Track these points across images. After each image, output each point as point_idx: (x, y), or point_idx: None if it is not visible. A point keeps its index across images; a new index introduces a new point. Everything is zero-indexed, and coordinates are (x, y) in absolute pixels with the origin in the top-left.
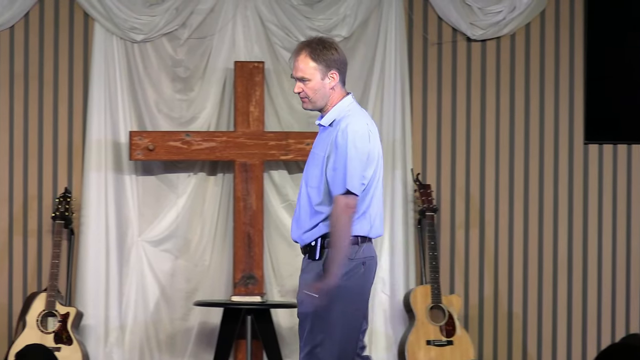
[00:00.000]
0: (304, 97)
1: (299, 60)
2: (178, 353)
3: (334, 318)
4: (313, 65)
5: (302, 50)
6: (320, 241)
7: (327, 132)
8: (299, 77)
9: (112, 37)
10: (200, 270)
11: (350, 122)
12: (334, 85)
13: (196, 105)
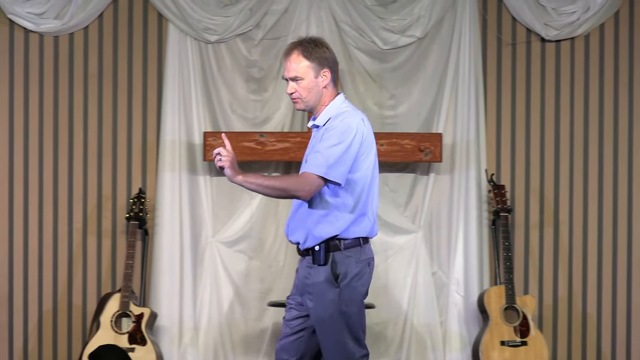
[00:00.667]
0: (297, 98)
1: (291, 59)
2: (252, 353)
3: (353, 318)
4: (306, 63)
5: (293, 49)
6: (324, 246)
7: (321, 131)
8: (292, 77)
9: (186, 37)
10: (274, 271)
11: (346, 117)
12: (327, 84)
13: (270, 105)
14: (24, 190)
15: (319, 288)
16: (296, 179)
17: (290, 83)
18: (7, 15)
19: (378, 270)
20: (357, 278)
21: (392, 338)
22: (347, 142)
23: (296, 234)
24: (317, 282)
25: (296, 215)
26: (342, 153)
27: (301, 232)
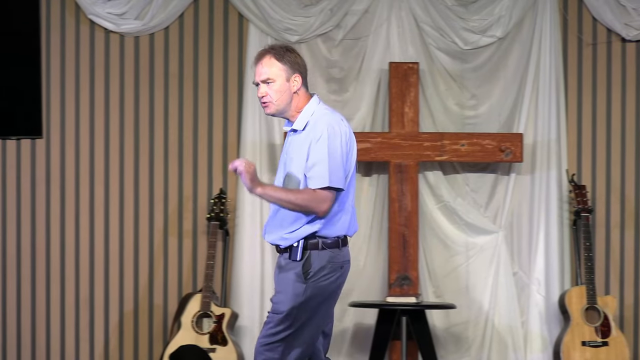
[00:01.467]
0: (268, 101)
1: (263, 63)
2: (333, 353)
3: (307, 314)
4: (278, 65)
5: (266, 53)
6: (303, 242)
7: (302, 135)
8: (264, 80)
9: (266, 38)
10: (355, 271)
11: (328, 121)
12: (298, 88)
13: (351, 106)
14: (104, 191)
15: (286, 281)
16: (314, 197)
17: (261, 86)
18: (88, 15)
19: (459, 270)
20: (325, 278)
21: (474, 338)
22: (337, 147)
23: (274, 234)
24: (286, 276)
25: (276, 217)
26: (338, 159)
27: (282, 232)
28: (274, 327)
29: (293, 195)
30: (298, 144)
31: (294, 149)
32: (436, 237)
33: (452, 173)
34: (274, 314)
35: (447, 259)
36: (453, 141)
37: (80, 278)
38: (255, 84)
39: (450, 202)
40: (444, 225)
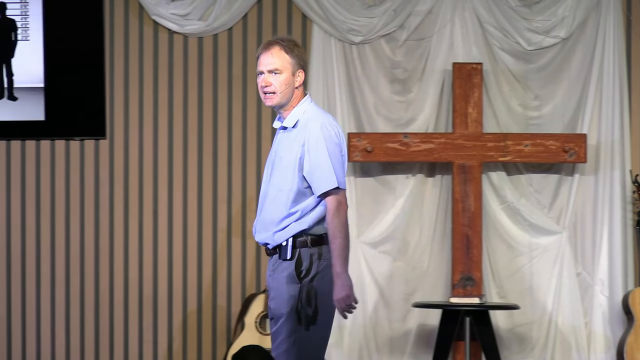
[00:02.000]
0: (272, 92)
1: (272, 53)
2: (397, 355)
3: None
4: (287, 58)
5: (275, 44)
6: (292, 241)
7: (292, 133)
8: (271, 69)
9: (330, 38)
10: (419, 272)
11: (322, 121)
12: (299, 85)
13: (415, 106)
14: (168, 192)
15: (280, 283)
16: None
17: (266, 75)
18: (152, 16)
19: (523, 271)
20: (319, 277)
21: (537, 339)
22: (334, 147)
23: (265, 234)
24: (279, 277)
25: (263, 215)
26: (339, 159)
27: (272, 231)
28: (280, 333)
29: (341, 233)
30: (288, 142)
31: (283, 147)
32: (500, 237)
33: (516, 174)
34: (276, 319)
35: (511, 260)
36: (516, 142)
37: (143, 278)
38: (259, 72)
39: (514, 202)
40: (508, 226)
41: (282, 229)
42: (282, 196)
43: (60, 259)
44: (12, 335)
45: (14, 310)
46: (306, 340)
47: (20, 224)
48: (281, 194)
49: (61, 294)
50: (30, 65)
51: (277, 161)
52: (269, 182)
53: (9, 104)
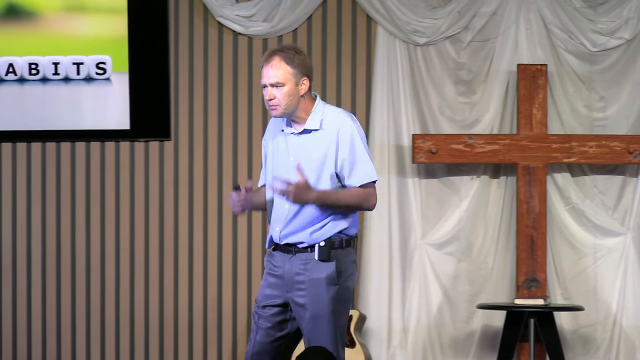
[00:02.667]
0: (276, 104)
1: (272, 65)
2: (461, 356)
3: (343, 321)
4: (288, 69)
5: (275, 55)
6: (329, 242)
7: (317, 134)
8: (273, 83)
9: (394, 40)
10: (483, 273)
11: (349, 118)
12: (305, 93)
13: (479, 108)
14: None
15: (319, 284)
16: (363, 194)
17: (269, 89)
18: (216, 18)
19: (587, 272)
20: (351, 278)
21: (602, 340)
22: (365, 142)
23: (296, 235)
24: (318, 279)
25: (292, 223)
26: (369, 154)
27: (302, 233)
28: (324, 334)
29: (346, 197)
30: (314, 143)
31: (307, 149)
32: (564, 239)
33: (580, 175)
34: (315, 319)
35: (575, 261)
36: (581, 143)
37: (208, 280)
38: (263, 85)
39: (578, 204)
40: (572, 227)
41: (319, 228)
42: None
43: (125, 260)
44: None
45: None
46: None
47: (85, 226)
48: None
49: (125, 294)
50: None
51: (303, 163)
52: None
53: None
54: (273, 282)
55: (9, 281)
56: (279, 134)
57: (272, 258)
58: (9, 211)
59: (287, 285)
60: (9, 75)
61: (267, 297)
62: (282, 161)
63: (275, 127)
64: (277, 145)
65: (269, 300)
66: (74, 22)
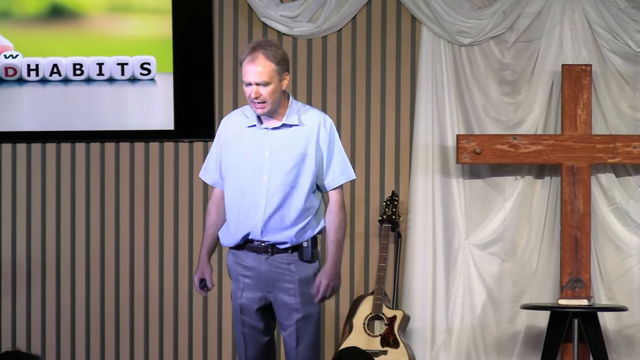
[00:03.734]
0: (264, 102)
1: (257, 63)
2: (505, 356)
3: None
4: (272, 67)
5: (258, 52)
6: (312, 242)
7: (292, 130)
8: (260, 82)
9: (439, 40)
10: (527, 274)
11: (325, 116)
12: (285, 87)
13: (523, 108)
14: None
15: (307, 284)
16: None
17: (254, 87)
18: (261, 18)
19: (632, 272)
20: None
21: None
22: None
23: (280, 234)
24: (305, 278)
25: (273, 219)
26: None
27: (286, 232)
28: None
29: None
30: (289, 139)
31: (283, 144)
32: (608, 239)
33: (625, 175)
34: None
35: (619, 262)
36: (625, 143)
37: None
38: (247, 83)
39: (622, 204)
40: (616, 228)
41: (302, 228)
42: (298, 193)
43: (168, 261)
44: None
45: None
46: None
47: (129, 226)
48: (294, 190)
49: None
50: None
51: (278, 158)
52: (270, 179)
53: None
54: (250, 283)
55: (52, 283)
56: (244, 129)
57: (238, 258)
58: (52, 212)
59: (268, 286)
60: (54, 75)
61: (256, 300)
62: (253, 156)
63: (238, 122)
64: (244, 140)
65: (260, 302)
66: (119, 22)
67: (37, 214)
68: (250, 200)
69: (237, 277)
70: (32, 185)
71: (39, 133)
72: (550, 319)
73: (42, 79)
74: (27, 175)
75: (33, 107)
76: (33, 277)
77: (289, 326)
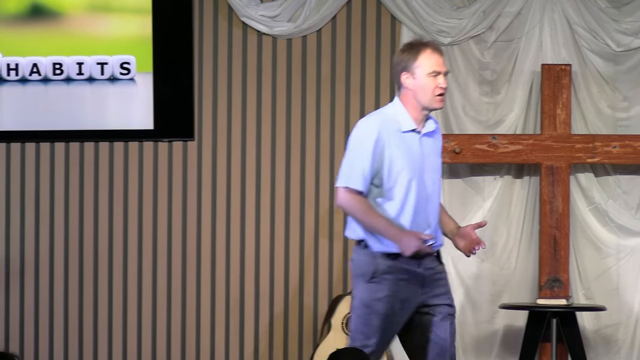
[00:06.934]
0: (444, 96)
1: (441, 53)
2: (483, 356)
3: None
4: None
5: (439, 47)
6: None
7: (433, 137)
8: (446, 72)
9: None
10: (506, 273)
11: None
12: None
13: (503, 108)
14: (255, 193)
15: (448, 283)
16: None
17: (443, 77)
18: (241, 18)
19: (610, 272)
20: None
21: (623, 340)
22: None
23: (438, 236)
24: (446, 279)
25: (435, 218)
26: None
27: (439, 235)
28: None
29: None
30: (433, 144)
31: (431, 151)
32: (587, 239)
33: (604, 175)
34: (453, 317)
35: (598, 261)
36: (605, 143)
37: (230, 281)
38: (436, 72)
39: (601, 204)
40: (595, 228)
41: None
42: (438, 199)
43: (147, 261)
44: (96, 336)
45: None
46: None
47: (108, 226)
48: (438, 196)
49: (148, 295)
50: None
51: (430, 164)
52: (425, 185)
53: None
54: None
55: (31, 282)
56: (397, 133)
57: (403, 263)
58: (32, 212)
59: (423, 287)
60: (33, 75)
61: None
62: (421, 165)
63: (389, 126)
64: (404, 145)
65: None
66: (99, 22)
67: (16, 213)
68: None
69: (398, 280)
70: (11, 184)
71: (18, 132)
72: (529, 318)
73: (22, 78)
74: (6, 175)
75: (12, 106)
76: (12, 277)
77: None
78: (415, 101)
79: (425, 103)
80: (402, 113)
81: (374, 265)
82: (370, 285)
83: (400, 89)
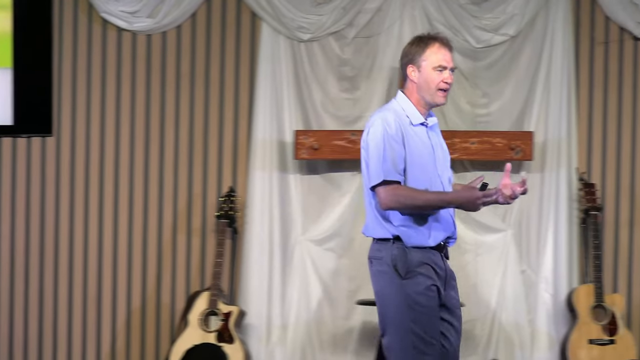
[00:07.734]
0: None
1: (448, 49)
2: (340, 352)
3: None
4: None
5: (448, 41)
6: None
7: (435, 131)
8: (452, 68)
9: (278, 36)
10: (364, 269)
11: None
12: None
13: (362, 104)
14: (114, 189)
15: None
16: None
17: (449, 73)
18: (101, 13)
19: (468, 268)
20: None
21: (480, 336)
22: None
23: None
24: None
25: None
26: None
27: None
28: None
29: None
30: (440, 140)
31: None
32: None
33: (462, 171)
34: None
35: (456, 257)
36: (463, 139)
37: (88, 277)
38: (442, 67)
39: None
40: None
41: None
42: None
43: (5, 258)
44: None
45: None
46: None
47: None
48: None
49: (5, 294)
50: None
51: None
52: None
53: None
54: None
55: None
56: (410, 127)
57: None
58: None
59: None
60: None
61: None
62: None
63: (402, 120)
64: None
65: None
66: None
67: None
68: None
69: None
70: None
71: None
72: None
73: None
74: None
75: None
76: None
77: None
78: (418, 95)
79: (427, 97)
80: (410, 107)
81: (407, 259)
82: (406, 282)
83: (406, 81)
